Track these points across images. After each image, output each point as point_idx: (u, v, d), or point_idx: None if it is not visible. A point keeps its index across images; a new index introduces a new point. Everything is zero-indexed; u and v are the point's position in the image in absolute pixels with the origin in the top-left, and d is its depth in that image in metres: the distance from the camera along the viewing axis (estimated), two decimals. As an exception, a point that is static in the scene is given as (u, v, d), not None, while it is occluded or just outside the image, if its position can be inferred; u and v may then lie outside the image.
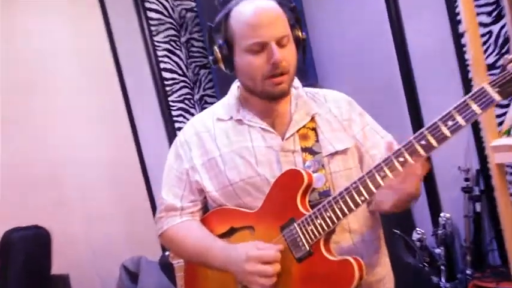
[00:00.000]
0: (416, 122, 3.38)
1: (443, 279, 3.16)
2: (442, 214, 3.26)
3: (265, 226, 1.58)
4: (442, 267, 3.17)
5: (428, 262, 3.15)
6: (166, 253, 3.29)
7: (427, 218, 3.50)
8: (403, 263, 3.03)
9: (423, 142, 1.31)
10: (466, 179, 3.24)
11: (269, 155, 1.63)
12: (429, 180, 3.40)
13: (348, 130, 1.67)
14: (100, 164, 3.57)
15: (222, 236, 1.67)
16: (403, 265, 3.01)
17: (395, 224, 3.11)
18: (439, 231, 3.20)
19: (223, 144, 1.67)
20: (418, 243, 3.19)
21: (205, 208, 1.79)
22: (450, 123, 1.28)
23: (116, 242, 3.55)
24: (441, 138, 1.30)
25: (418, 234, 3.21)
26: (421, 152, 1.31)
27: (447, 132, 1.28)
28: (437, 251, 3.21)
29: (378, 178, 1.37)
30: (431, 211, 3.48)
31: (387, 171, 1.34)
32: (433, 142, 1.30)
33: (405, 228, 3.22)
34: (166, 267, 3.28)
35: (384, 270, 1.71)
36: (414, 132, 1.32)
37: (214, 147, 1.68)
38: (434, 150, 1.31)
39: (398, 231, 3.15)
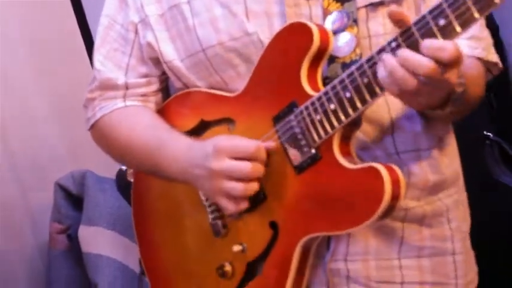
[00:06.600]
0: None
1: None
2: None
3: (251, 117, 1.23)
4: None
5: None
6: (124, 167, 2.65)
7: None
8: (495, 184, 2.35)
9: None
10: None
11: (268, 3, 1.23)
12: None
13: None
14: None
15: (187, 134, 1.32)
16: (495, 187, 2.34)
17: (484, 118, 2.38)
18: None
19: None
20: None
21: (165, 93, 1.45)
22: None
23: (48, 152, 2.89)
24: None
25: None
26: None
27: None
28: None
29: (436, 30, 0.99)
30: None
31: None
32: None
33: (505, 127, 2.41)
34: (125, 187, 2.57)
35: (453, 192, 1.29)
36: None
37: None
38: None
39: (491, 134, 2.34)
